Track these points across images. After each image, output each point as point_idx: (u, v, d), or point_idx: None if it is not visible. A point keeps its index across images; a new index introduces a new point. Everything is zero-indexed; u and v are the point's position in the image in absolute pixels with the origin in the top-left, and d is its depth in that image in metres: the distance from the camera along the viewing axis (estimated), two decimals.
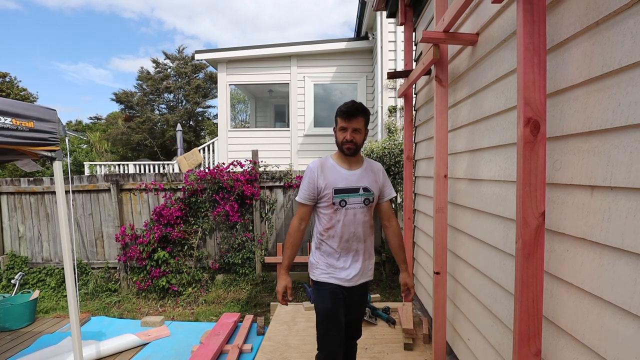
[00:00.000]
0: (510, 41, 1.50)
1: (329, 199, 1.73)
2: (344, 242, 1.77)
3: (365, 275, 1.85)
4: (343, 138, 1.72)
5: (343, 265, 1.79)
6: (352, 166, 1.79)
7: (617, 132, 0.95)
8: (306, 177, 1.78)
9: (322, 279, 1.80)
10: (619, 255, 0.94)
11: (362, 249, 1.81)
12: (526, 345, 1.15)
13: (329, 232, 1.77)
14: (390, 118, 6.12)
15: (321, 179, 1.74)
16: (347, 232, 1.75)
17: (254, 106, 10.84)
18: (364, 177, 1.77)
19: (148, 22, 54.67)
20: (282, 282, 1.77)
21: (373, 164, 1.87)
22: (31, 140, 2.15)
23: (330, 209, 1.75)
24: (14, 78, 17.16)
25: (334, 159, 1.81)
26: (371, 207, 1.81)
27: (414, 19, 3.31)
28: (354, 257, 1.80)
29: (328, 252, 1.80)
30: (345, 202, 1.73)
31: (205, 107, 19.65)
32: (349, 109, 1.69)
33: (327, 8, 58.35)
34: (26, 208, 5.12)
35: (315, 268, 1.84)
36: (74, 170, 12.73)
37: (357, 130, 1.72)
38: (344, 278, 1.78)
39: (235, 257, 4.76)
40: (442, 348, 2.19)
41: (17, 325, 3.79)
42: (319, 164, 1.79)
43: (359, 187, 1.75)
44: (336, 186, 1.73)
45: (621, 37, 0.92)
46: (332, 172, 1.75)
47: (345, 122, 1.71)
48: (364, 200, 1.76)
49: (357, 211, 1.75)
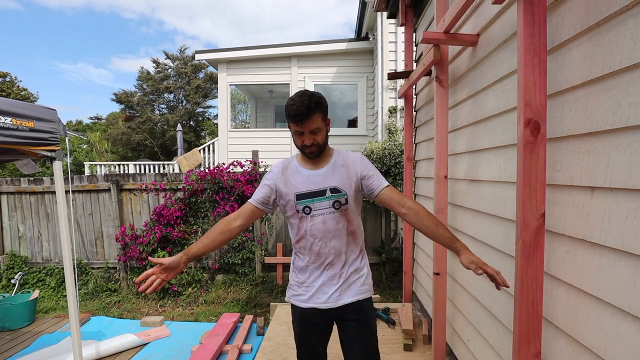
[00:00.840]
0: (510, 42, 1.50)
1: (292, 206, 1.48)
2: (314, 255, 1.50)
3: (349, 294, 1.50)
4: (301, 143, 1.43)
5: (314, 282, 1.51)
6: (317, 165, 1.50)
7: (617, 133, 0.95)
8: (265, 178, 1.53)
9: (293, 300, 1.57)
10: (619, 256, 0.94)
11: (338, 262, 1.50)
12: (526, 347, 1.15)
13: (300, 244, 1.53)
14: (391, 119, 6.12)
15: (281, 183, 1.49)
16: (316, 243, 1.48)
17: (254, 106, 10.84)
18: (331, 175, 1.47)
19: (149, 23, 54.72)
20: (166, 260, 1.31)
21: (346, 157, 1.52)
22: (31, 140, 2.16)
23: (296, 218, 1.49)
24: (14, 78, 17.18)
25: (298, 160, 1.54)
26: (346, 211, 1.47)
27: (414, 20, 3.31)
28: (327, 273, 1.50)
29: (299, 268, 1.56)
30: (310, 208, 1.46)
31: (206, 107, 19.68)
32: (298, 112, 1.34)
33: (327, 8, 58.42)
34: (26, 208, 5.12)
35: (288, 287, 1.62)
36: (74, 170, 12.74)
37: (315, 131, 1.40)
38: (315, 299, 1.50)
39: (235, 257, 4.76)
40: (441, 349, 2.19)
41: (16, 325, 3.79)
42: (282, 166, 1.54)
43: (325, 189, 1.45)
44: (298, 191, 1.46)
45: (621, 38, 0.92)
46: (294, 174, 1.49)
47: (298, 126, 1.39)
48: (333, 203, 1.45)
49: (327, 217, 1.45)
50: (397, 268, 4.68)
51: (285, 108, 1.41)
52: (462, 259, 1.26)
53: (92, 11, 54.60)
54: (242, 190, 4.64)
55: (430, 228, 1.34)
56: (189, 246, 1.40)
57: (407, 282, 3.32)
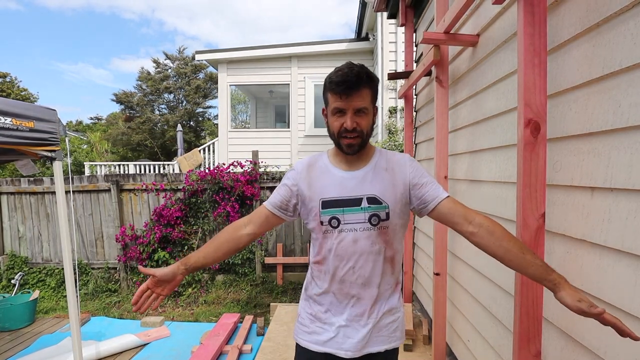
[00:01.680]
0: (510, 42, 1.50)
1: (315, 215, 1.14)
2: (337, 283, 1.14)
3: (378, 340, 1.17)
4: (340, 127, 1.08)
5: (333, 319, 1.16)
6: (353, 165, 1.16)
7: (617, 133, 0.95)
8: (285, 177, 1.22)
9: (302, 339, 1.21)
10: (619, 256, 0.94)
11: (367, 297, 1.14)
12: (526, 347, 1.15)
13: (320, 267, 1.18)
14: (391, 119, 6.12)
15: (305, 184, 1.16)
16: (341, 267, 1.12)
17: (254, 107, 10.85)
18: (371, 180, 1.12)
19: (149, 23, 54.74)
20: (160, 271, 1.07)
21: (391, 157, 1.18)
22: (31, 140, 2.16)
23: (319, 232, 1.15)
24: (14, 78, 17.18)
25: (330, 157, 1.20)
26: (386, 230, 1.12)
27: (414, 20, 3.31)
28: (352, 309, 1.15)
29: (315, 298, 1.20)
30: (338, 220, 1.11)
31: (206, 107, 19.67)
32: (345, 79, 1.03)
33: (328, 9, 58.42)
34: (26, 208, 5.12)
35: (297, 320, 1.27)
36: (74, 171, 12.74)
37: (361, 112, 1.07)
38: (334, 343, 1.15)
39: (235, 257, 4.75)
40: (441, 349, 2.19)
41: (17, 325, 3.79)
42: (307, 163, 1.22)
43: (361, 197, 1.11)
44: (324, 196, 1.12)
45: (621, 38, 0.92)
46: (322, 175, 1.16)
47: (341, 99, 1.05)
48: (369, 217, 1.10)
49: (359, 235, 1.11)
50: None
51: (327, 78, 1.09)
52: (563, 295, 0.87)
53: (92, 12, 54.64)
54: (242, 190, 4.64)
55: (512, 253, 0.95)
56: (189, 255, 1.14)
57: (407, 282, 3.32)
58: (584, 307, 0.82)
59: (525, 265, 0.94)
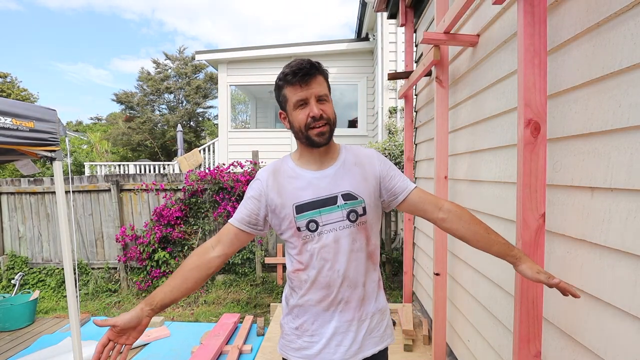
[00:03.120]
0: (510, 42, 1.50)
1: (290, 222, 1.08)
2: (322, 289, 1.09)
3: (371, 342, 1.14)
4: (307, 117, 1.04)
5: (321, 330, 1.11)
6: (322, 164, 1.12)
7: (617, 133, 0.95)
8: (250, 188, 1.14)
9: (292, 357, 1.14)
10: (619, 256, 0.94)
11: (355, 299, 1.10)
12: (526, 347, 1.15)
13: (300, 276, 1.11)
14: (391, 119, 6.12)
15: (274, 192, 1.09)
16: (325, 271, 1.07)
17: (254, 107, 10.85)
18: (342, 176, 1.10)
19: (149, 23, 54.80)
20: (121, 318, 0.97)
21: (357, 152, 1.17)
22: (31, 141, 2.16)
23: (298, 240, 1.09)
24: (14, 78, 17.19)
25: (294, 160, 1.16)
26: (364, 225, 1.10)
27: (414, 20, 3.31)
28: (341, 315, 1.10)
29: (298, 310, 1.14)
30: (317, 223, 1.07)
31: (206, 107, 19.67)
32: (300, 66, 1.02)
33: (328, 10, 58.43)
34: (26, 208, 5.12)
35: (281, 337, 1.20)
36: (74, 171, 12.74)
37: (322, 98, 1.05)
38: (325, 354, 1.10)
39: (235, 257, 4.75)
40: (442, 349, 2.19)
41: (17, 325, 3.79)
42: (271, 170, 1.15)
43: (336, 195, 1.08)
44: (297, 201, 1.07)
45: (622, 38, 0.92)
46: (291, 179, 1.11)
47: (301, 88, 1.03)
48: (347, 214, 1.08)
49: (340, 234, 1.07)
50: (397, 268, 4.68)
51: (280, 75, 1.07)
52: (523, 268, 0.97)
53: (92, 12, 54.74)
54: (242, 190, 4.64)
55: (479, 234, 1.03)
56: (153, 292, 1.03)
57: (407, 282, 3.32)
58: (543, 278, 0.93)
59: (490, 244, 1.03)
